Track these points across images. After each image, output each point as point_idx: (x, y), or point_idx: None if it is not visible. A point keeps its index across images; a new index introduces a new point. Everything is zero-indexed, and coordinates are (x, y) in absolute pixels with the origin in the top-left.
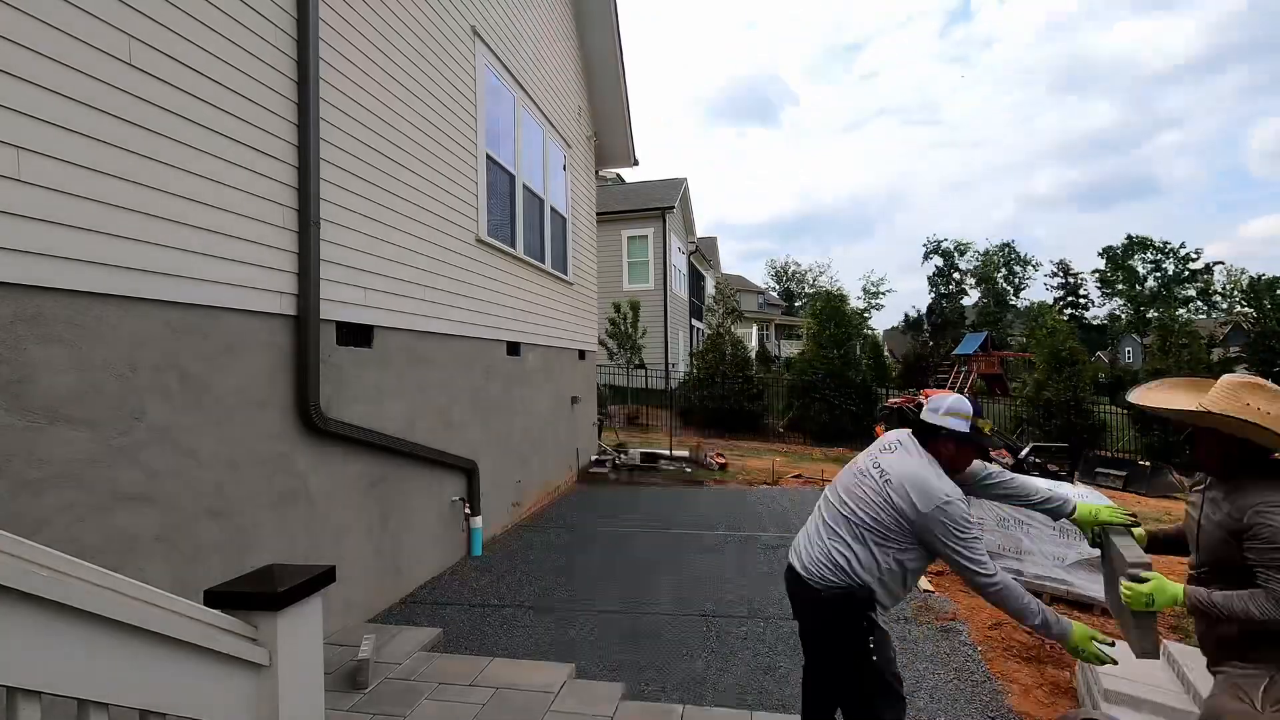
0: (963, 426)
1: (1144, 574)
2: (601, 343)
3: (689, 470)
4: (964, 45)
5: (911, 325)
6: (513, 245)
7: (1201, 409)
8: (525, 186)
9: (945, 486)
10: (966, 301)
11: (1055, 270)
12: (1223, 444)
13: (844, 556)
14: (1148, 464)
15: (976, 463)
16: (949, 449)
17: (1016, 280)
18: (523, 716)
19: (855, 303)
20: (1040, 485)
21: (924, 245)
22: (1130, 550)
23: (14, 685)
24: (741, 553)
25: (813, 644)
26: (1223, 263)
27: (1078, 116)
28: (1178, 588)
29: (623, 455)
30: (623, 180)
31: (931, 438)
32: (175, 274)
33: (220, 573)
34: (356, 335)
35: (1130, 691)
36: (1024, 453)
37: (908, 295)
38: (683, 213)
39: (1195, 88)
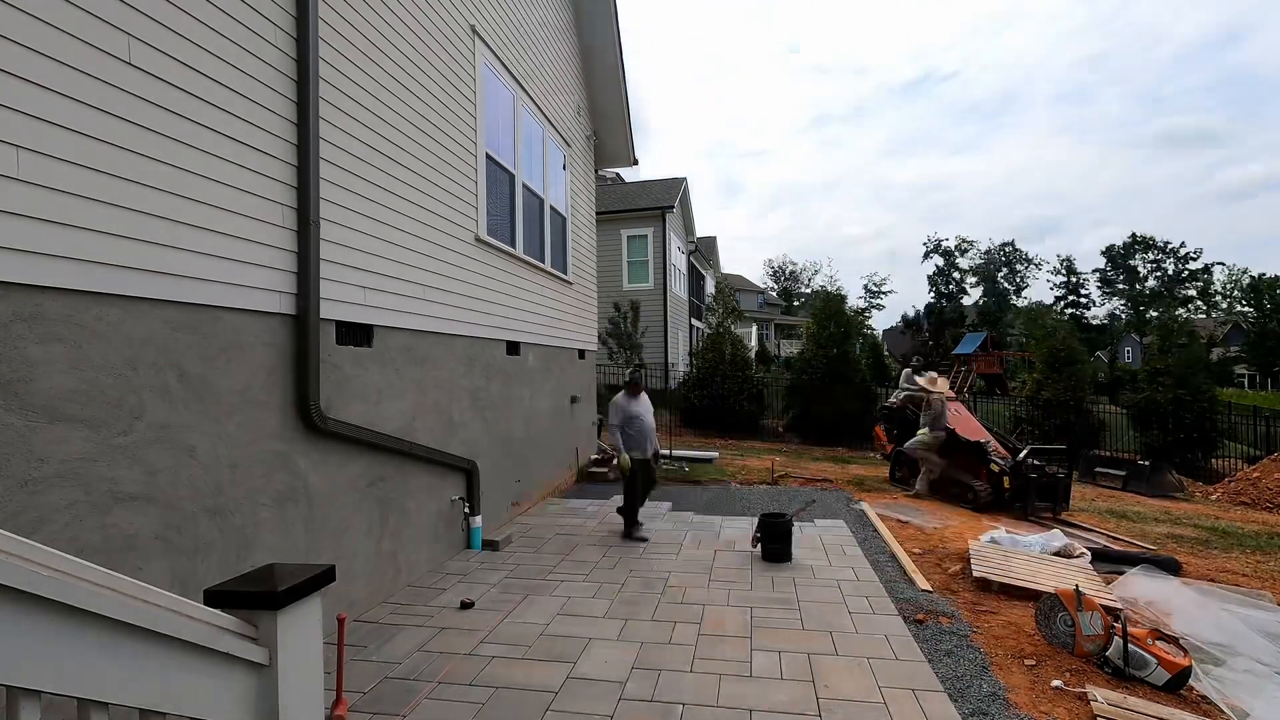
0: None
1: None
2: (602, 341)
3: (686, 469)
4: None
5: (910, 325)
6: (512, 244)
7: None
8: (525, 186)
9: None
10: (966, 301)
11: (1058, 269)
12: None
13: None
14: (1147, 463)
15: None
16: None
17: (1018, 279)
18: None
19: (856, 302)
20: None
21: (924, 244)
22: None
23: (14, 684)
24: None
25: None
26: (1222, 263)
27: None
28: None
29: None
30: (622, 180)
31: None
32: (175, 273)
33: (220, 572)
34: (356, 335)
35: None
36: (1022, 454)
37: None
38: (682, 212)
39: None
